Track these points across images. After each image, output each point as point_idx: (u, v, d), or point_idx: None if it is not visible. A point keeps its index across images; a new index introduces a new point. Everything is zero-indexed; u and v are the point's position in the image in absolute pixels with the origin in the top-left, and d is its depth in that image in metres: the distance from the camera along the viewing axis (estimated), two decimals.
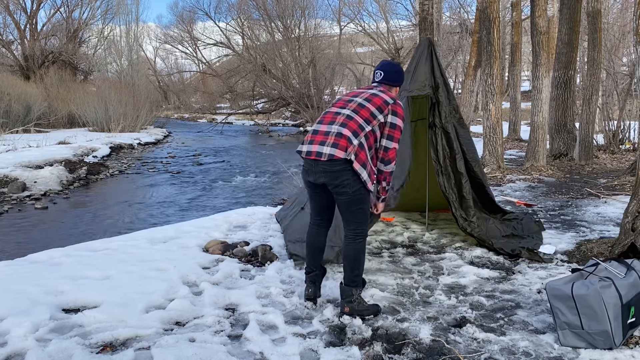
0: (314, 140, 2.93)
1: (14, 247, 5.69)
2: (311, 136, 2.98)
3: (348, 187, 2.87)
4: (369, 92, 3.08)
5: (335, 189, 2.90)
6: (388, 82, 3.19)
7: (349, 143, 2.82)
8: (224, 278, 3.67)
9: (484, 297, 3.30)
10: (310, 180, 2.99)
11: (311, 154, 2.90)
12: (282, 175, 10.70)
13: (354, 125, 2.89)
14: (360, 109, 2.96)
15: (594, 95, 9.82)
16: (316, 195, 3.09)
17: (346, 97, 3.12)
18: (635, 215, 3.72)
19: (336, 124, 2.92)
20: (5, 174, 9.01)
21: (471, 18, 24.29)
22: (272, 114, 30.28)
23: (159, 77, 48.03)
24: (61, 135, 15.89)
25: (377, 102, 2.98)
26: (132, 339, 2.71)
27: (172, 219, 7.11)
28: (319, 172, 2.89)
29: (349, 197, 2.90)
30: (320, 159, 2.85)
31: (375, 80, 3.22)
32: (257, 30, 30.59)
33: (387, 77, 3.19)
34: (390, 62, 3.34)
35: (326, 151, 2.83)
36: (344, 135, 2.84)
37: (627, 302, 2.49)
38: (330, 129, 2.91)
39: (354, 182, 2.87)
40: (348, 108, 2.99)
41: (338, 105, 3.07)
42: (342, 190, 2.88)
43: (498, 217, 4.73)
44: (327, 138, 2.88)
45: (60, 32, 28.31)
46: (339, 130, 2.87)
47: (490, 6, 8.16)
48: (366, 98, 3.02)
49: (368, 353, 2.57)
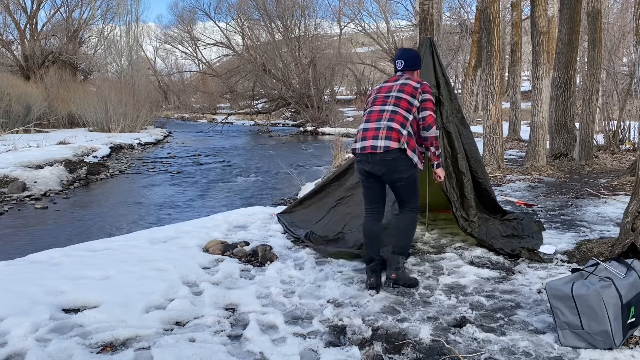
0: (366, 137, 3.27)
1: (14, 247, 5.69)
2: (362, 134, 3.31)
3: (403, 172, 3.24)
4: (399, 82, 3.42)
5: (392, 177, 3.25)
6: (409, 68, 3.54)
7: (400, 134, 3.20)
8: (224, 278, 3.67)
9: (484, 297, 3.30)
10: (367, 169, 3.29)
11: (366, 148, 3.24)
12: (282, 175, 10.70)
13: (400, 118, 3.27)
14: (399, 101, 3.33)
15: (594, 95, 9.81)
16: (370, 184, 3.39)
17: (382, 94, 3.44)
18: (635, 215, 3.71)
19: (384, 120, 3.27)
20: (5, 174, 9.01)
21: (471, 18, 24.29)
22: (272, 114, 30.28)
23: (159, 77, 48.03)
24: (61, 135, 15.89)
25: (409, 90, 3.35)
26: (132, 339, 2.71)
27: (172, 219, 7.11)
28: (376, 163, 3.22)
29: (406, 181, 3.29)
30: (376, 151, 3.19)
31: (398, 69, 3.54)
32: (257, 30, 30.60)
33: (408, 64, 3.53)
34: (406, 49, 3.67)
35: (381, 144, 3.18)
36: (394, 128, 3.21)
37: (627, 302, 2.49)
38: (380, 125, 3.25)
39: (408, 168, 3.26)
40: (389, 104, 3.34)
41: (378, 103, 3.40)
42: (398, 177, 3.25)
43: (498, 218, 4.73)
44: (379, 132, 3.23)
45: (60, 32, 28.31)
46: (388, 124, 3.23)
47: (490, 6, 8.16)
48: (399, 89, 3.38)
49: (368, 353, 2.57)
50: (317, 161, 13.41)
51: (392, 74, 3.76)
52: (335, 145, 10.96)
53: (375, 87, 3.64)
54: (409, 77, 3.46)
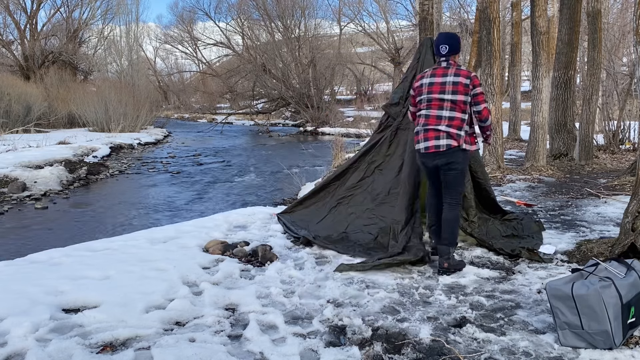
0: (428, 138, 3.69)
1: (14, 247, 5.69)
2: (423, 135, 3.72)
3: (459, 164, 3.69)
4: (450, 80, 3.65)
5: (448, 167, 3.68)
6: (453, 52, 3.75)
7: (459, 137, 3.63)
8: (224, 278, 3.67)
9: (484, 297, 3.30)
10: (429, 165, 3.77)
11: (429, 148, 3.68)
12: (282, 175, 10.70)
13: (458, 122, 3.65)
14: (455, 104, 3.65)
15: (594, 95, 9.81)
16: (433, 174, 3.87)
17: (436, 95, 3.69)
18: (635, 215, 3.71)
19: (442, 125, 3.64)
20: (5, 174, 9.01)
21: (471, 18, 24.29)
22: (272, 114, 30.26)
23: (159, 77, 48.01)
24: (61, 135, 15.89)
25: (462, 90, 3.63)
26: (132, 339, 2.71)
27: (172, 219, 7.11)
28: (438, 158, 3.67)
29: (458, 172, 3.72)
30: (439, 150, 3.65)
31: (442, 54, 3.74)
32: (257, 30, 30.59)
33: (452, 48, 3.74)
34: (448, 33, 3.88)
35: (443, 142, 3.63)
36: (452, 134, 3.63)
37: (627, 302, 2.49)
38: (439, 128, 3.65)
39: (463, 160, 3.72)
40: (446, 108, 3.66)
41: (435, 106, 3.69)
42: (453, 167, 3.68)
43: (498, 218, 4.73)
44: (439, 134, 3.65)
45: (60, 32, 28.30)
46: (448, 130, 3.63)
47: (490, 6, 8.16)
48: (453, 91, 3.64)
49: (368, 353, 2.57)
50: (317, 161, 13.41)
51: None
52: (335, 145, 10.95)
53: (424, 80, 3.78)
54: (457, 72, 3.66)
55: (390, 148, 4.65)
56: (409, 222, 4.21)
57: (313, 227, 4.70)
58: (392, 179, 4.52)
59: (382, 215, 4.42)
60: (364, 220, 4.49)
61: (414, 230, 4.19)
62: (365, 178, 4.70)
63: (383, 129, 4.80)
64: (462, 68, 3.71)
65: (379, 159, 4.69)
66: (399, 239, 4.09)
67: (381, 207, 4.47)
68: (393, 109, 4.72)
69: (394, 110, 4.71)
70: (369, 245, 4.27)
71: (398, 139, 4.62)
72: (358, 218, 4.54)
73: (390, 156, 4.63)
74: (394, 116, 4.71)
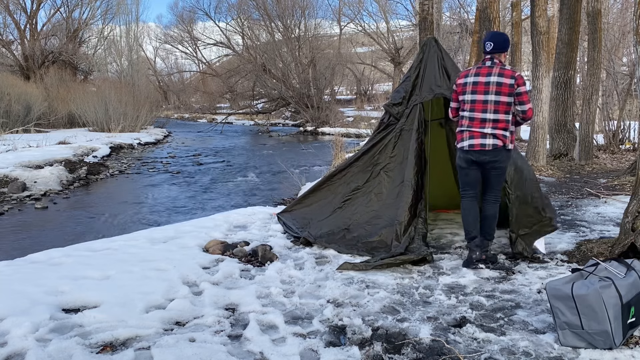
0: (473, 136, 3.73)
1: (14, 247, 5.69)
2: (468, 134, 3.75)
3: (503, 163, 3.78)
4: (494, 81, 3.65)
5: (493, 165, 3.75)
6: (498, 50, 3.75)
7: (504, 138, 3.69)
8: (224, 278, 3.67)
9: (484, 297, 3.30)
10: (473, 159, 3.77)
11: (475, 146, 3.72)
12: (282, 175, 10.70)
13: (503, 124, 3.69)
14: (498, 106, 3.67)
15: (594, 95, 9.82)
16: (472, 172, 3.86)
17: (480, 97, 3.70)
18: (635, 215, 3.72)
19: (488, 128, 3.69)
20: (5, 174, 9.00)
21: (471, 18, 24.29)
22: (272, 114, 30.25)
23: (159, 77, 47.99)
24: (61, 135, 15.89)
25: (506, 90, 3.64)
26: (132, 339, 2.71)
27: (172, 219, 7.11)
28: (483, 155, 3.72)
29: (502, 171, 3.82)
30: (484, 149, 3.70)
31: (487, 51, 3.75)
32: (257, 30, 30.57)
33: (497, 46, 3.73)
34: (495, 32, 3.96)
35: (489, 142, 3.69)
36: (498, 135, 3.68)
37: (627, 302, 2.49)
38: (485, 130, 3.69)
39: (507, 159, 3.81)
40: (489, 110, 3.69)
41: (479, 108, 3.72)
42: (498, 166, 3.76)
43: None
44: (485, 133, 3.69)
45: (60, 32, 28.28)
46: (493, 132, 3.68)
47: (490, 6, 8.17)
48: (496, 92, 3.65)
49: (368, 353, 2.57)
50: (317, 161, 13.41)
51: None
52: (335, 145, 10.95)
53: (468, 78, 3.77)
54: (500, 67, 3.68)
55: (395, 150, 4.64)
56: (412, 222, 4.20)
57: (315, 224, 4.68)
58: (399, 181, 4.49)
59: (385, 215, 4.42)
60: (368, 220, 4.48)
61: (416, 231, 4.18)
62: (371, 180, 4.68)
63: (384, 128, 4.79)
64: (507, 67, 3.70)
65: (385, 161, 4.67)
66: (402, 240, 4.09)
67: (387, 209, 4.46)
68: (395, 109, 4.71)
69: (396, 110, 4.70)
70: (371, 244, 4.27)
71: (403, 141, 4.61)
72: (361, 217, 4.54)
73: (396, 158, 4.62)
74: (397, 116, 4.70)
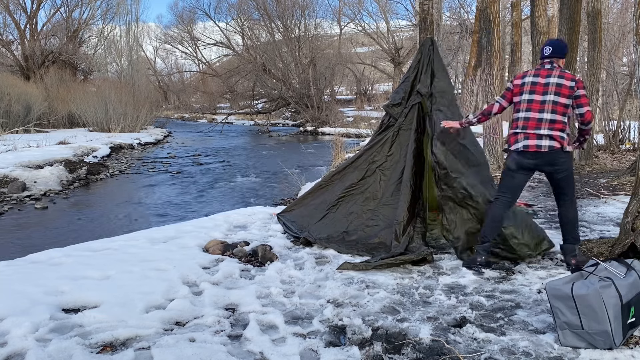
0: (529, 137, 3.65)
1: (14, 247, 5.69)
2: (523, 135, 3.68)
3: (565, 164, 3.68)
4: (554, 82, 3.63)
5: (555, 169, 3.68)
6: (557, 55, 3.75)
7: (562, 139, 3.61)
8: (224, 278, 3.67)
9: (484, 297, 3.30)
10: (525, 163, 3.70)
11: (530, 147, 3.64)
12: (282, 175, 10.70)
13: (560, 125, 3.62)
14: (556, 106, 3.62)
15: (594, 95, 9.80)
16: (517, 177, 3.79)
17: (538, 97, 3.67)
18: (635, 215, 3.72)
19: (544, 129, 3.62)
20: (5, 174, 9.00)
21: (471, 18, 24.29)
22: (272, 114, 30.25)
23: (159, 77, 48.00)
24: (61, 135, 15.89)
25: (566, 92, 3.61)
26: (132, 339, 2.71)
27: (172, 219, 7.11)
28: (539, 158, 3.65)
29: (567, 173, 3.70)
30: (540, 150, 3.61)
31: (545, 55, 3.75)
32: (257, 30, 30.56)
33: (556, 50, 3.74)
34: (555, 39, 3.95)
35: (545, 143, 3.61)
36: (554, 136, 3.60)
37: (627, 302, 2.49)
38: (541, 131, 3.62)
39: (569, 161, 3.72)
40: (547, 110, 3.63)
41: (535, 108, 3.67)
42: (561, 169, 3.68)
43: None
44: (541, 134, 3.62)
45: (60, 32, 28.28)
46: (550, 133, 3.60)
47: (490, 6, 8.16)
48: (555, 92, 3.62)
49: (368, 353, 2.57)
50: (317, 161, 13.41)
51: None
52: (335, 145, 10.96)
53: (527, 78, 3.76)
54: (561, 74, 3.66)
55: (392, 148, 4.65)
56: (410, 222, 4.20)
57: (313, 226, 4.69)
58: (394, 179, 4.51)
59: (384, 215, 4.42)
60: (366, 221, 4.49)
61: (415, 231, 4.18)
62: (366, 178, 4.69)
63: (384, 129, 4.80)
64: (567, 71, 3.69)
65: (381, 159, 4.68)
66: (402, 240, 4.09)
67: (383, 208, 4.47)
68: (394, 109, 4.71)
69: (396, 110, 4.71)
70: (371, 245, 4.27)
71: (400, 140, 4.61)
72: (359, 218, 4.54)
73: (392, 156, 4.62)
74: (396, 116, 4.70)
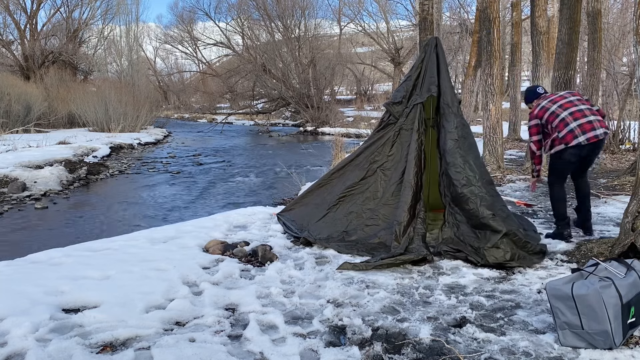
0: (586, 131, 4.19)
1: (14, 247, 5.69)
2: (579, 129, 4.20)
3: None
4: (571, 99, 4.42)
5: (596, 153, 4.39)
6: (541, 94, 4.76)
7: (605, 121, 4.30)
8: (224, 278, 3.67)
9: (484, 297, 3.30)
10: (584, 154, 4.29)
11: (590, 138, 4.18)
12: (282, 175, 10.70)
13: (595, 112, 4.31)
14: (590, 111, 4.31)
15: (594, 95, 9.81)
16: (575, 165, 4.42)
17: (574, 108, 4.30)
18: (635, 215, 3.71)
19: (589, 116, 4.23)
20: (5, 174, 9.01)
21: (471, 18, 24.30)
22: (272, 114, 30.24)
23: (159, 77, 48.01)
24: (61, 135, 15.89)
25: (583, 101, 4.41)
26: (132, 339, 2.71)
27: (172, 219, 7.11)
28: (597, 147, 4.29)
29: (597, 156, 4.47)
30: (599, 138, 4.19)
31: (541, 93, 4.74)
32: (257, 30, 30.56)
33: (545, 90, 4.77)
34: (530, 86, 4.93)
35: (600, 132, 4.20)
36: (600, 119, 4.26)
37: (627, 302, 2.49)
38: (589, 119, 4.22)
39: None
40: (581, 105, 4.32)
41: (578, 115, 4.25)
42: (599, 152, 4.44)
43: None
44: (593, 124, 4.21)
45: (60, 32, 28.29)
46: (596, 117, 4.24)
47: (490, 6, 8.17)
48: (580, 102, 4.36)
49: (368, 353, 2.57)
50: (317, 161, 13.41)
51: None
52: (335, 145, 10.95)
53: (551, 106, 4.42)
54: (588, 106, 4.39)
55: (393, 148, 4.63)
56: (411, 223, 4.20)
57: (313, 226, 4.69)
58: (395, 180, 4.50)
59: (384, 215, 4.41)
60: (366, 221, 4.48)
61: (415, 231, 4.18)
62: (367, 177, 4.68)
63: (384, 127, 4.79)
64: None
65: (382, 159, 4.67)
66: (401, 241, 4.09)
67: (383, 208, 4.46)
68: (395, 108, 4.70)
69: (396, 108, 4.70)
70: (371, 245, 4.27)
71: (401, 140, 4.60)
72: (359, 218, 4.54)
73: (393, 157, 4.62)
74: (396, 115, 4.69)
